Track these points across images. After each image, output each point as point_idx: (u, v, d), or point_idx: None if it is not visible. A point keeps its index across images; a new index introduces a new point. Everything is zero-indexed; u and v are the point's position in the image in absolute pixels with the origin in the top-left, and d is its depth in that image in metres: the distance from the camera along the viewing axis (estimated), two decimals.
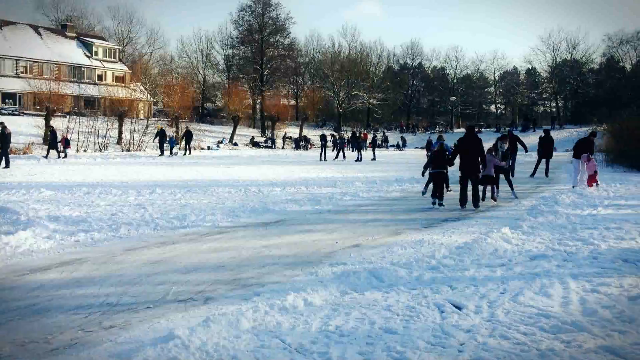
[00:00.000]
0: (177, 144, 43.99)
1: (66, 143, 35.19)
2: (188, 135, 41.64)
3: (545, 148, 23.02)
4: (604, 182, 18.01)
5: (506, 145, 16.80)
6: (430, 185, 14.51)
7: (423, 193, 15.26)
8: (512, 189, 15.66)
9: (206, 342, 4.63)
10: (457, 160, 13.99)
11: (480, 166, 13.72)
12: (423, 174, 15.02)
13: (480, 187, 14.43)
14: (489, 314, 5.41)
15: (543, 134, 23.61)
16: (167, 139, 40.72)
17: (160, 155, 38.93)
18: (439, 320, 5.26)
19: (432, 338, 4.80)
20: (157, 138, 40.65)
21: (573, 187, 17.52)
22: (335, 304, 5.76)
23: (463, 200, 13.57)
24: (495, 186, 15.00)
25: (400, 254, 8.16)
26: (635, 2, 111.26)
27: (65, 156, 33.85)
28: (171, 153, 40.43)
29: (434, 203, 13.66)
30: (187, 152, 41.05)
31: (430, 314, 5.43)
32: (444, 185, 14.23)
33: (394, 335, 4.86)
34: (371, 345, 4.63)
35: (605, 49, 75.14)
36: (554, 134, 24.57)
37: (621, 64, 74.68)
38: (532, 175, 22.84)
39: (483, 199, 14.60)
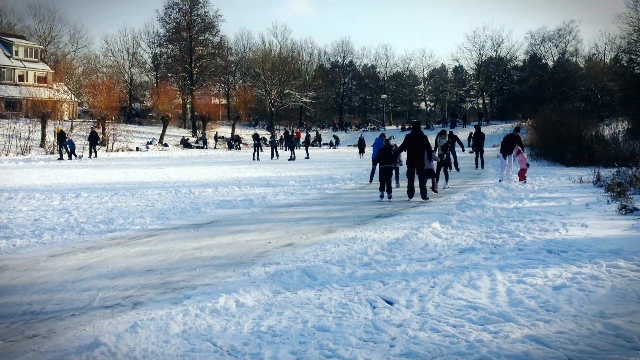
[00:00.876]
0: (99, 143, 42.03)
1: None
2: (93, 137, 39.64)
3: (477, 142, 25.24)
4: (529, 176, 18.64)
5: (444, 140, 17.98)
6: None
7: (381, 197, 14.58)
8: (447, 180, 17.73)
9: (134, 348, 4.49)
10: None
11: (428, 158, 14.71)
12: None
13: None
14: (419, 308, 5.48)
15: (474, 130, 25.26)
16: (67, 141, 38.07)
17: (59, 159, 36.69)
18: (371, 316, 5.29)
19: (364, 334, 4.82)
20: (57, 141, 38.51)
21: (500, 181, 18.16)
22: (268, 304, 5.71)
23: (411, 192, 14.39)
24: (435, 179, 16.12)
25: (334, 252, 8.19)
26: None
27: None
28: (71, 156, 37.80)
29: (381, 196, 14.40)
30: (93, 154, 39.09)
31: (362, 310, 5.45)
32: (391, 179, 14.90)
33: (327, 333, 4.86)
34: (304, 344, 4.61)
35: (528, 46, 77.74)
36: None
37: (544, 61, 77.20)
38: (476, 167, 25.37)
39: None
